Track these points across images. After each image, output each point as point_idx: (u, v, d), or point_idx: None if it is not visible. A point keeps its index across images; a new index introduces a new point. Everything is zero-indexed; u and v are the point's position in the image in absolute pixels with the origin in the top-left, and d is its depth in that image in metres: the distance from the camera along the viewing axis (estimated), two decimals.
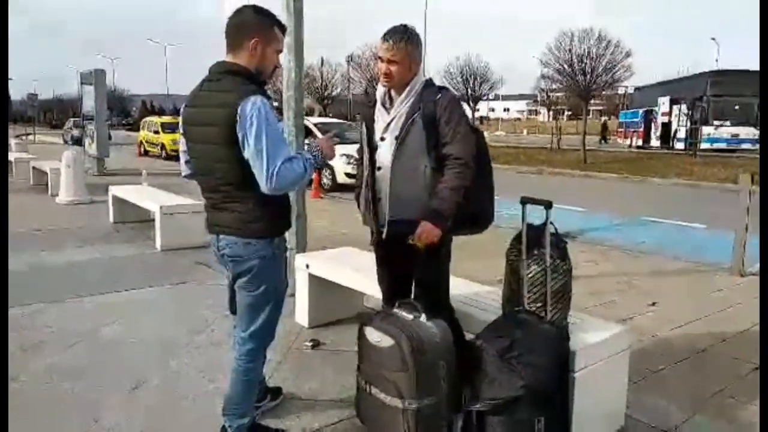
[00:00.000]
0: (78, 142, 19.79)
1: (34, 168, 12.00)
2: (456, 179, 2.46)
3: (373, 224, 2.71)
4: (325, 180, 12.50)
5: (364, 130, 2.73)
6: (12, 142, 17.58)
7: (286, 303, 4.23)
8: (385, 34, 2.54)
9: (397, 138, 2.56)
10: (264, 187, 2.12)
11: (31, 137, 32.86)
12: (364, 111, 2.83)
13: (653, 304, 4.82)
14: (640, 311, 4.63)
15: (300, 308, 4.10)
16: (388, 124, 2.61)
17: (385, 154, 2.61)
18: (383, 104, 2.69)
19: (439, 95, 2.55)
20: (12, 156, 14.17)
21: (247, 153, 2.12)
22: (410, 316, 2.42)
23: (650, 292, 5.17)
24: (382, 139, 2.63)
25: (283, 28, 2.35)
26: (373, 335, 2.41)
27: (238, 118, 2.10)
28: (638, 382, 3.22)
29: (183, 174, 2.52)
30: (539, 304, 2.52)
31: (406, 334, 2.30)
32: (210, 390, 3.08)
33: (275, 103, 2.26)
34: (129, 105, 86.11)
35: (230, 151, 2.15)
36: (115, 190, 7.91)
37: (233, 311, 2.53)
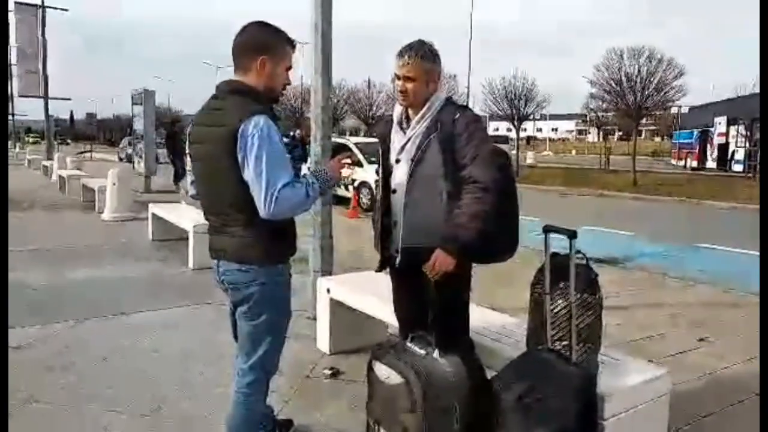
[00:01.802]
0: (132, 159, 20.46)
1: (84, 186, 12.40)
2: (474, 204, 2.28)
3: (386, 250, 2.55)
4: (363, 199, 12.42)
5: (380, 151, 2.59)
6: (67, 159, 18.32)
7: (308, 327, 4.19)
8: (399, 51, 2.41)
9: (412, 160, 2.41)
10: (262, 211, 2.01)
11: (88, 155, 34.33)
12: (381, 130, 2.69)
13: (702, 339, 4.45)
14: (690, 347, 4.28)
15: (321, 334, 3.96)
16: (404, 146, 2.47)
17: (400, 176, 2.46)
18: (399, 124, 2.55)
19: (458, 114, 2.38)
20: (65, 173, 14.74)
21: (247, 175, 2.02)
22: (422, 352, 2.24)
23: (702, 325, 4.79)
24: (398, 161, 2.49)
25: (292, 44, 2.23)
26: (382, 371, 2.24)
27: (239, 138, 2.00)
28: (683, 428, 2.92)
29: (189, 194, 2.44)
30: (565, 342, 2.29)
31: (416, 371, 2.13)
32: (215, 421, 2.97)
33: (292, 133, 2.14)
34: (184, 124, 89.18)
35: (230, 172, 2.05)
36: (154, 208, 8.02)
37: (237, 338, 2.41)
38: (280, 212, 2.01)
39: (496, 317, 3.14)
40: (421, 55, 2.38)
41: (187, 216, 7.28)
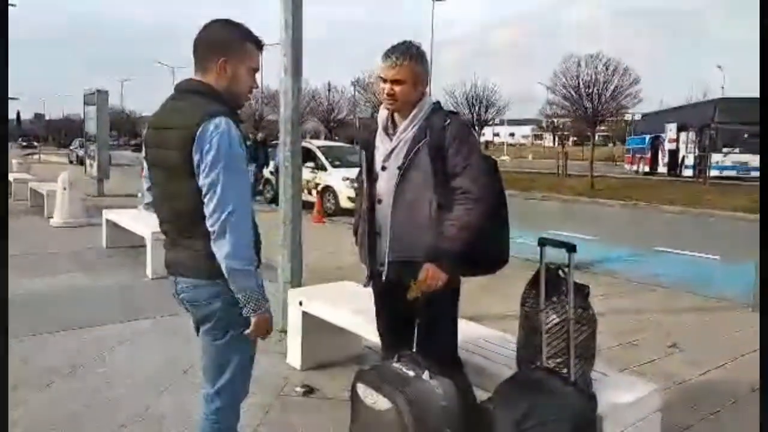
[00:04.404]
0: (83, 162, 19.66)
1: (32, 189, 11.78)
2: (465, 216, 2.17)
3: (370, 263, 2.41)
4: (327, 204, 12.22)
5: (364, 157, 2.45)
6: (13, 161, 17.41)
7: (277, 341, 3.99)
8: (386, 52, 2.27)
9: (399, 168, 2.27)
10: (208, 221, 1.82)
11: (36, 156, 32.90)
12: (364, 136, 2.55)
13: (673, 345, 4.47)
14: (662, 353, 4.28)
15: (292, 348, 3.78)
16: (390, 152, 2.33)
17: (386, 185, 2.32)
18: (385, 129, 2.41)
19: (448, 121, 2.27)
20: (11, 176, 13.97)
21: (201, 180, 1.82)
22: (411, 373, 2.10)
23: (671, 331, 4.82)
24: (383, 168, 2.35)
25: (258, 43, 2.03)
26: (368, 395, 2.09)
27: (195, 139, 1.80)
28: None
29: (145, 201, 2.22)
30: (559, 359, 2.20)
31: (406, 396, 1.99)
32: None
33: (252, 135, 1.94)
34: (139, 126, 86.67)
35: (188, 178, 1.85)
36: (109, 214, 7.63)
37: None
38: (221, 235, 1.81)
39: (482, 331, 3.03)
40: (409, 57, 2.25)
41: (145, 222, 6.95)
